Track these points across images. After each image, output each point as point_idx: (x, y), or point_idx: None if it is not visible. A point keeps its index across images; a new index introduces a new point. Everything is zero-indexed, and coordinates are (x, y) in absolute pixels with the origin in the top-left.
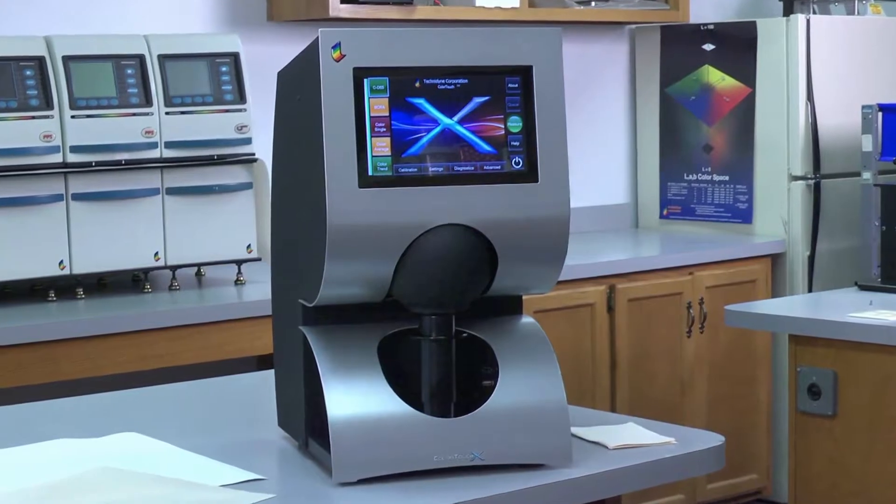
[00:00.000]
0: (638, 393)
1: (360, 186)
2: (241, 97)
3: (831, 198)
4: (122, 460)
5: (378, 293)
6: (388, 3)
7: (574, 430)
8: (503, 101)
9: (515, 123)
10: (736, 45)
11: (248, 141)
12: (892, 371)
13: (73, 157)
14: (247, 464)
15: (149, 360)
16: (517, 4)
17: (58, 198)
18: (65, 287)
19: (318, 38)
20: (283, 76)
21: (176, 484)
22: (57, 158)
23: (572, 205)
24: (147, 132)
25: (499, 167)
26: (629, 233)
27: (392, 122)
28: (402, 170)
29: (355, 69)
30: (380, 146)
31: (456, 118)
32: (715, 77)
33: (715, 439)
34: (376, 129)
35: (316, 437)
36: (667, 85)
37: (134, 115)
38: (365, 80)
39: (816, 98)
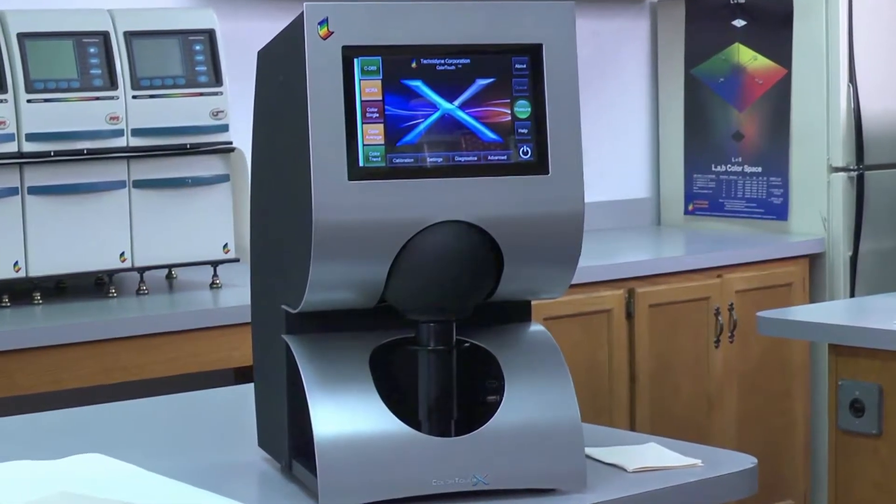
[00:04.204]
0: (660, 409)
1: (350, 179)
2: (217, 79)
3: (876, 191)
4: (85, 484)
5: (370, 298)
6: None
7: (589, 450)
8: (510, 83)
9: (523, 109)
10: (770, 20)
11: (224, 128)
12: None
13: (29, 146)
14: (224, 488)
15: (114, 372)
16: None
17: (12, 192)
18: (20, 291)
19: (302, 12)
20: (263, 56)
21: None
22: (11, 148)
23: (587, 199)
24: (112, 118)
25: (505, 157)
26: (650, 231)
27: (385, 107)
28: (397, 160)
29: (344, 48)
30: (372, 134)
31: (457, 103)
32: (746, 57)
33: (746, 461)
34: (368, 115)
35: (300, 458)
36: (692, 66)
37: (97, 99)
38: (355, 60)
39: (859, 80)
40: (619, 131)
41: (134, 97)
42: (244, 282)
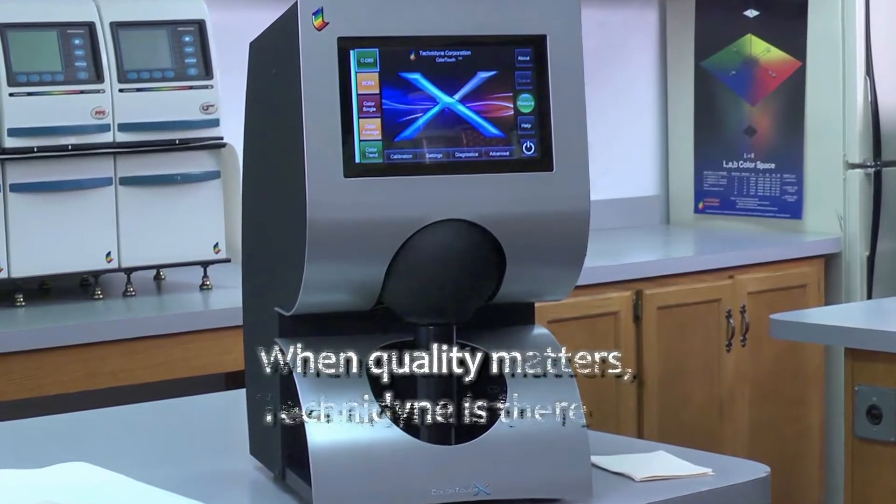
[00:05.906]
0: (669, 416)
1: (346, 175)
2: (208, 72)
3: (894, 189)
4: (70, 494)
5: (367, 300)
6: None
7: (595, 459)
8: (512, 76)
9: (526, 102)
10: (783, 10)
11: (215, 123)
12: None
13: (11, 142)
14: (214, 498)
15: (100, 377)
16: None
17: None
18: (2, 293)
19: (296, 2)
20: (256, 47)
21: None
22: None
23: (593, 197)
24: (98, 113)
25: (507, 153)
26: (659, 230)
27: (383, 100)
28: (395, 156)
29: (340, 39)
30: (369, 129)
31: (457, 96)
32: (759, 48)
33: (759, 470)
34: (365, 109)
35: (294, 466)
36: (703, 58)
37: (82, 92)
38: (351, 52)
39: (877, 73)
40: (626, 126)
41: (121, 91)
42: (235, 283)
